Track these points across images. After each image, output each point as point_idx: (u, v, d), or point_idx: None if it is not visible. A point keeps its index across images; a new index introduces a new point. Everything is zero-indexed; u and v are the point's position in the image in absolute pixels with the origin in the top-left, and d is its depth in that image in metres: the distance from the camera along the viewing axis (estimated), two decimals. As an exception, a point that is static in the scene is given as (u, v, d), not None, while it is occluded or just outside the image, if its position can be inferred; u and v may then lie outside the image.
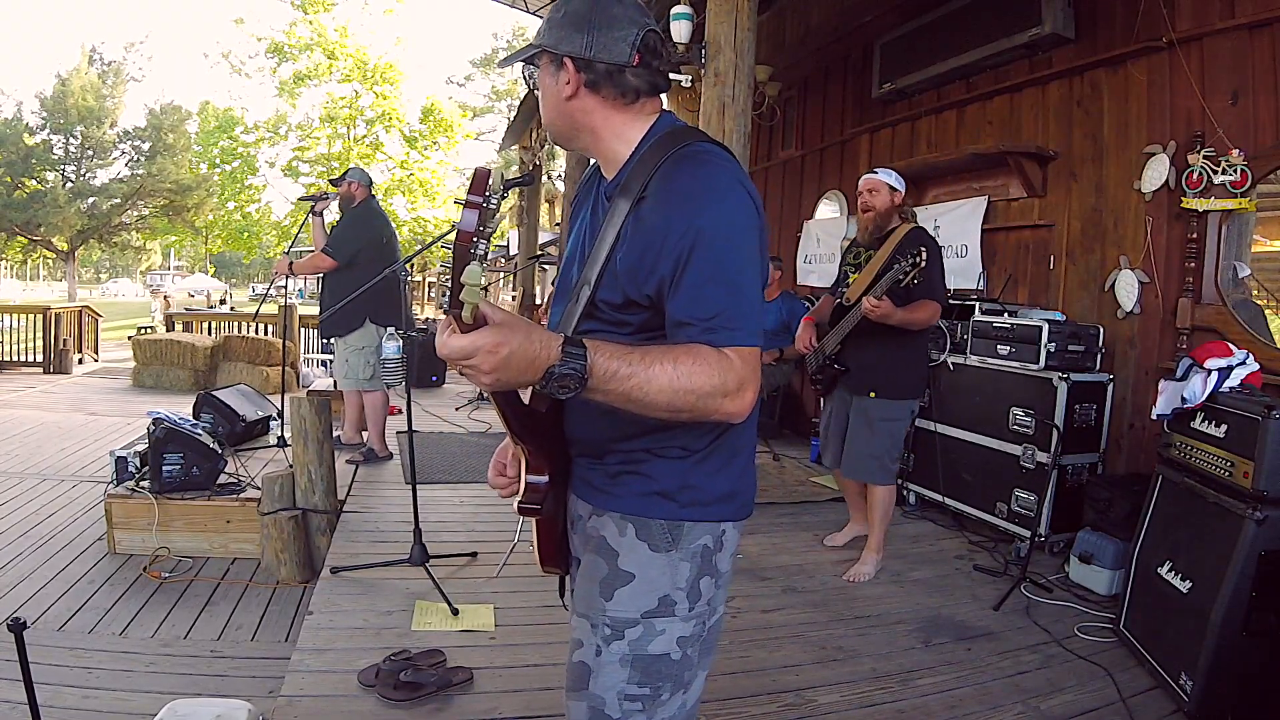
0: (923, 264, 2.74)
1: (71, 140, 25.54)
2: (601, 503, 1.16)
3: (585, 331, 1.12)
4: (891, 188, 3.04)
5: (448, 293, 0.86)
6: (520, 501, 1.12)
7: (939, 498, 3.82)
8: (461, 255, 0.84)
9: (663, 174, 1.07)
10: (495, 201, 0.86)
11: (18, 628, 1.54)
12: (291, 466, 3.31)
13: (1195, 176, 3.14)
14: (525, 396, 1.07)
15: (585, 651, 1.13)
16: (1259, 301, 3.29)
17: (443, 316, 0.89)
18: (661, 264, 1.03)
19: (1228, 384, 2.34)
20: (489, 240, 0.87)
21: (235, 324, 9.27)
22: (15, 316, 9.08)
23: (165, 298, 20.69)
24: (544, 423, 1.12)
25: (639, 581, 1.12)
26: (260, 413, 5.06)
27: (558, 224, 10.30)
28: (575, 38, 1.10)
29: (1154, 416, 2.58)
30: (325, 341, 5.45)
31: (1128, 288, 3.47)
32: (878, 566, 3.12)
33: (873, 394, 3.03)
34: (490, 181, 0.86)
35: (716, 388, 0.97)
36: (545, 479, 1.12)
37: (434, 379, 7.58)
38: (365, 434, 4.59)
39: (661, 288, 1.04)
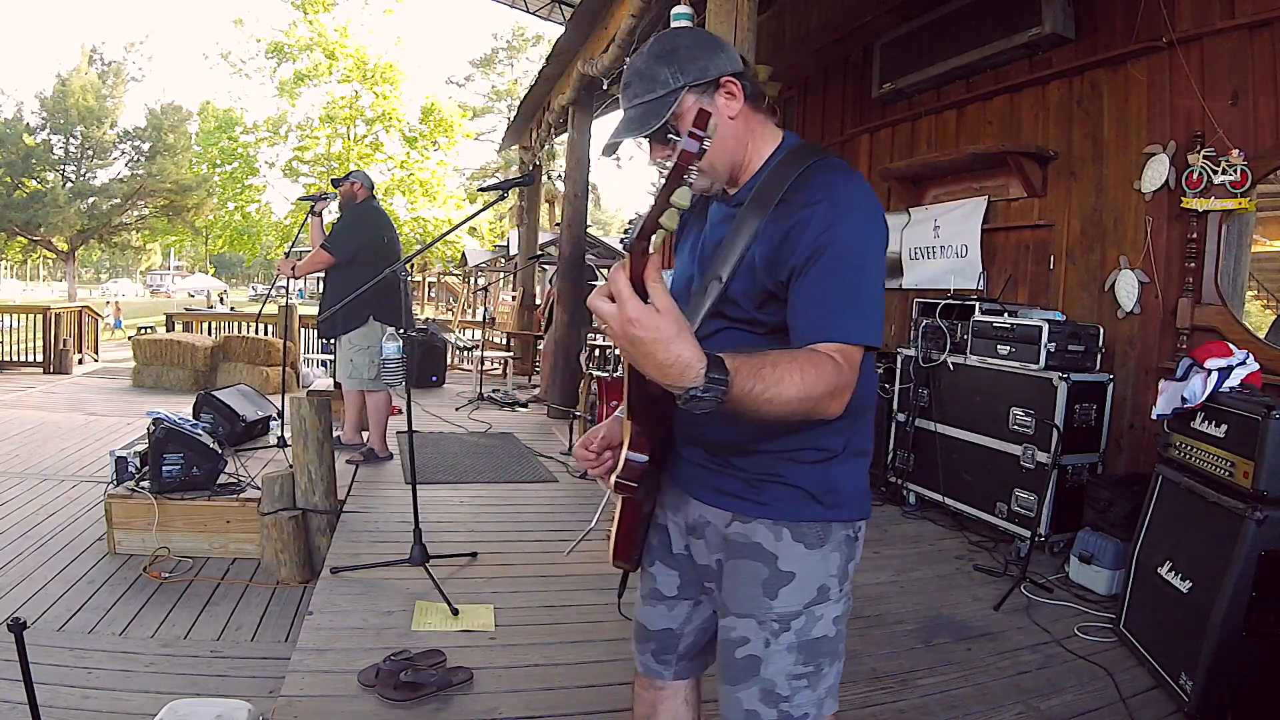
0: None
1: (71, 140, 25.56)
2: (747, 510, 1.20)
3: (712, 331, 1.17)
4: None
5: (631, 228, 0.85)
6: (617, 476, 1.13)
7: (939, 498, 3.82)
8: (676, 176, 0.82)
9: (804, 180, 1.12)
10: (708, 146, 0.85)
11: (18, 628, 1.54)
12: (291, 466, 3.31)
13: (1195, 176, 3.14)
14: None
15: (754, 646, 1.20)
16: (1259, 301, 3.29)
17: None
18: (796, 255, 1.08)
19: (1228, 384, 2.34)
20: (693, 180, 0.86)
21: (235, 324, 9.27)
22: (15, 316, 9.08)
23: (116, 304, 20.69)
24: (659, 406, 1.11)
25: (800, 578, 1.19)
26: (260, 413, 5.06)
27: (557, 224, 10.28)
28: (717, 58, 1.14)
29: (1154, 416, 2.58)
30: (325, 342, 5.45)
31: (1128, 288, 3.47)
32: None
33: None
34: (709, 126, 0.85)
35: (827, 393, 1.01)
36: (645, 458, 1.13)
37: (434, 379, 7.58)
38: (365, 435, 4.59)
39: (791, 275, 1.09)
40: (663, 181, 0.83)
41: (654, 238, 0.85)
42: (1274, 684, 2.02)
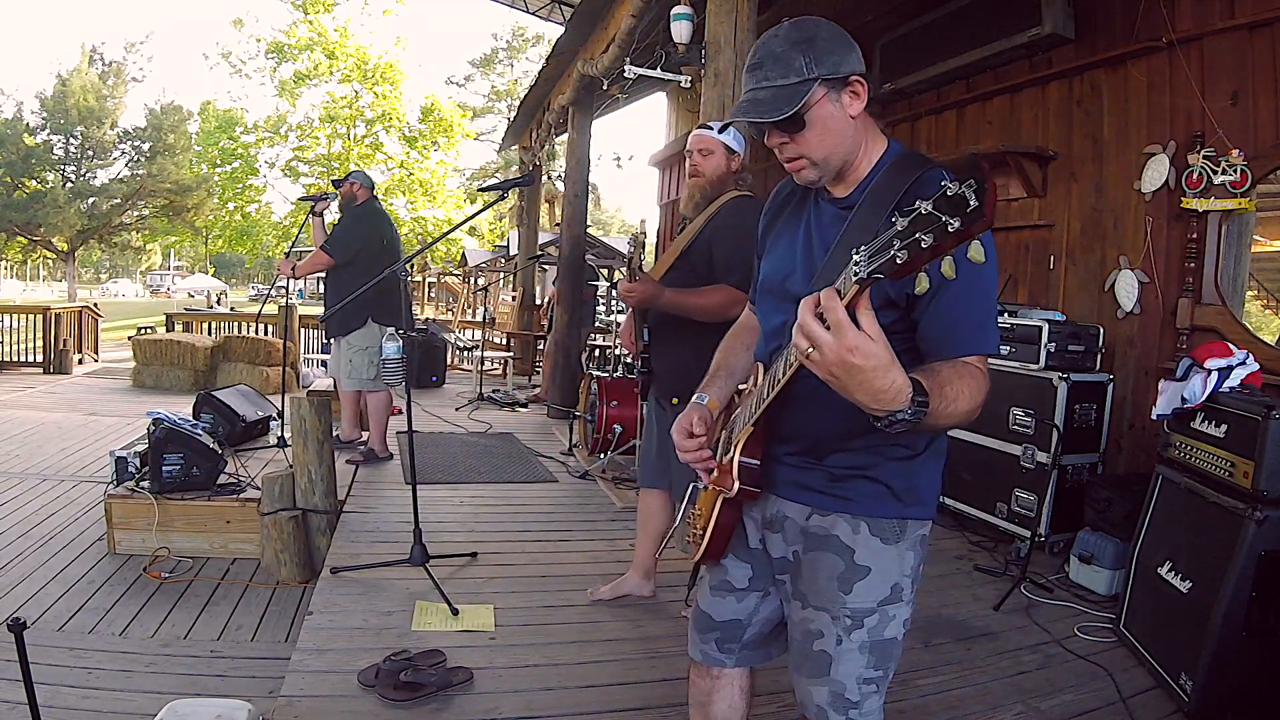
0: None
1: (71, 140, 25.56)
2: (828, 504, 1.23)
3: None
4: (729, 149, 2.41)
5: (865, 254, 0.82)
6: (741, 483, 1.19)
7: (939, 498, 3.81)
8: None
9: (923, 189, 1.09)
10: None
11: (18, 628, 1.54)
12: (291, 466, 3.31)
13: (1195, 176, 3.14)
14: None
15: (826, 641, 1.22)
16: (1259, 301, 3.29)
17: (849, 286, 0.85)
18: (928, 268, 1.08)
19: (1228, 384, 2.34)
20: None
21: (235, 324, 9.27)
22: (15, 316, 9.08)
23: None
24: (780, 410, 1.16)
25: (875, 574, 1.21)
26: (260, 413, 5.06)
27: (557, 224, 10.29)
28: (851, 57, 1.15)
29: (1154, 416, 2.58)
30: (327, 341, 5.45)
31: (1128, 288, 3.47)
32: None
33: (675, 401, 2.42)
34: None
35: (983, 401, 1.06)
36: (758, 462, 1.20)
37: (434, 379, 7.58)
38: (365, 434, 4.59)
39: (926, 290, 1.08)
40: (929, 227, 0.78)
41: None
42: (1274, 684, 2.02)
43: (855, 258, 0.83)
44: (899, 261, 0.79)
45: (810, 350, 0.88)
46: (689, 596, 1.38)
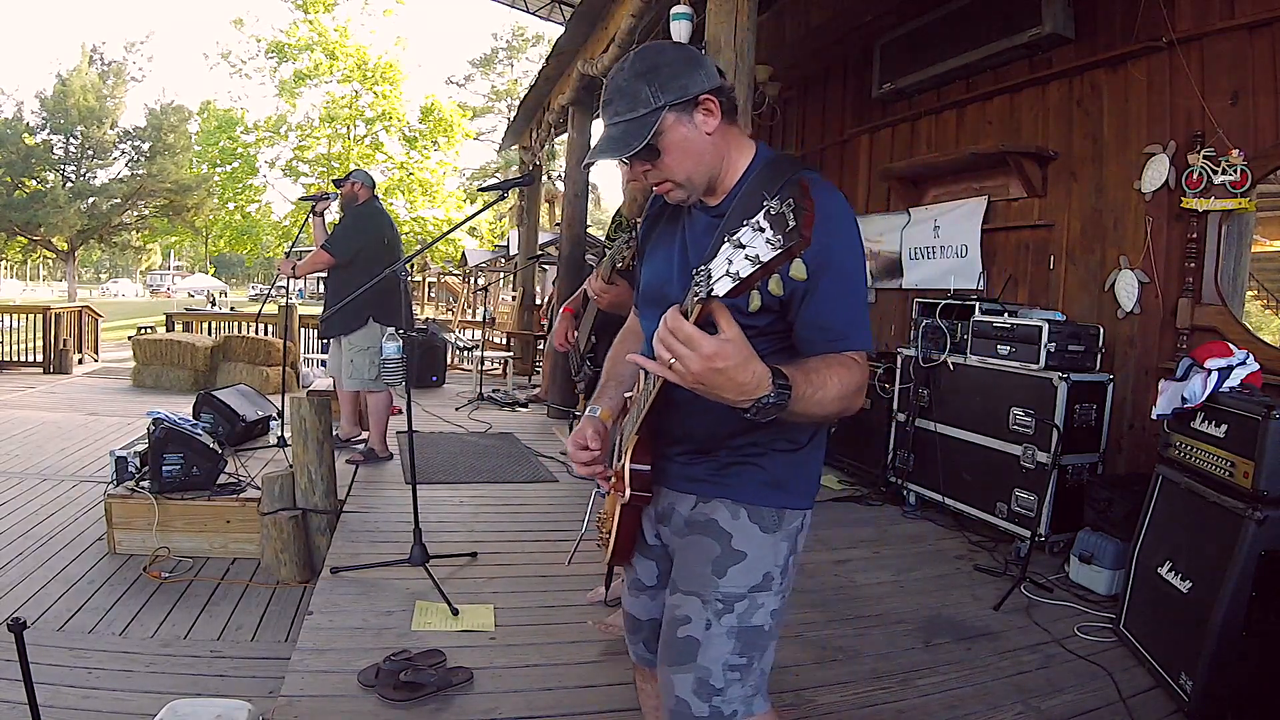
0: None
1: (71, 140, 25.55)
2: (710, 491, 1.27)
3: None
4: None
5: (705, 275, 0.87)
6: (632, 490, 1.23)
7: (939, 498, 3.82)
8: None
9: (785, 194, 1.12)
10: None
11: (18, 628, 1.54)
12: (291, 466, 3.31)
13: (1195, 176, 3.14)
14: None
15: (694, 626, 1.23)
16: (1259, 301, 3.29)
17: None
18: (792, 270, 1.10)
19: (1228, 384, 2.34)
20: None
21: (235, 324, 9.27)
22: (15, 316, 9.08)
23: None
24: (660, 418, 1.22)
25: (750, 560, 1.23)
26: (260, 413, 5.06)
27: (557, 224, 10.29)
28: (696, 76, 1.17)
29: (1154, 416, 2.58)
30: (325, 341, 5.46)
31: (1128, 288, 3.47)
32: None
33: None
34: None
35: (857, 389, 1.10)
36: (648, 467, 1.24)
37: (434, 379, 7.58)
38: (365, 433, 4.59)
39: (794, 293, 1.12)
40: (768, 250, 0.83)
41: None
42: (1274, 684, 2.02)
43: (696, 278, 0.88)
44: (732, 284, 0.85)
45: (672, 361, 0.93)
46: (607, 596, 1.39)
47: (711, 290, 0.86)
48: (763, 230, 0.83)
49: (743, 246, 0.84)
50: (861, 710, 2.11)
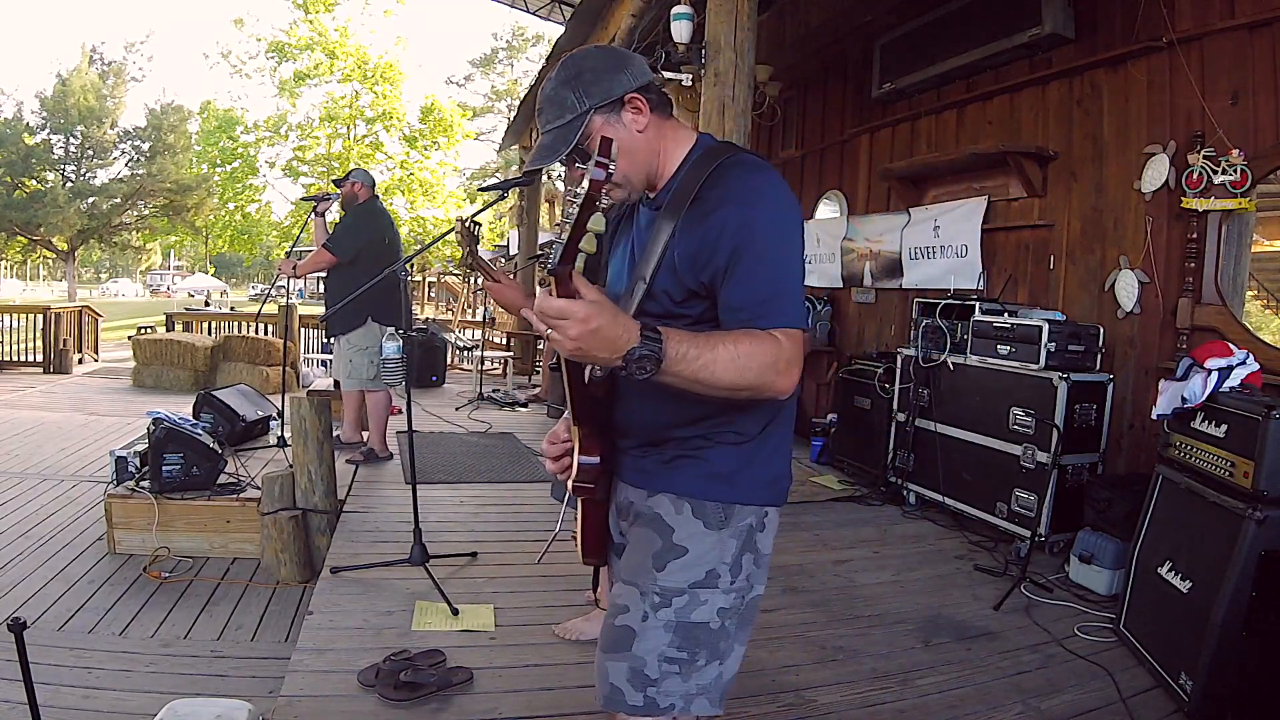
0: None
1: (71, 140, 25.52)
2: (657, 485, 1.25)
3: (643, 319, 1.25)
4: None
5: (555, 249, 0.92)
6: (574, 481, 1.24)
7: (939, 498, 3.82)
8: (589, 204, 0.90)
9: (715, 178, 1.17)
10: (613, 169, 0.93)
11: (18, 628, 1.54)
12: (291, 466, 3.31)
13: (1195, 176, 3.14)
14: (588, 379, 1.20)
15: (631, 616, 1.22)
16: (1259, 301, 3.29)
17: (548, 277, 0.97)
18: (718, 256, 1.13)
19: (1228, 384, 2.34)
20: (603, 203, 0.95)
21: (235, 324, 9.27)
22: (15, 316, 9.08)
23: None
24: (601, 408, 1.24)
25: (691, 555, 1.21)
26: (260, 413, 5.06)
27: (557, 224, 10.29)
28: (620, 78, 1.20)
29: (1154, 416, 2.58)
30: (326, 341, 5.46)
31: (1128, 288, 3.47)
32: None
33: None
34: (613, 151, 0.93)
35: (769, 365, 1.07)
36: (597, 460, 1.24)
37: (434, 379, 7.58)
38: (366, 434, 4.59)
39: (716, 277, 1.14)
40: (577, 210, 0.90)
41: (577, 260, 0.93)
42: (1274, 684, 2.02)
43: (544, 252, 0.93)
44: (560, 250, 0.91)
45: (550, 331, 0.96)
46: (595, 596, 1.40)
47: (549, 264, 0.92)
48: (575, 198, 0.89)
49: (568, 217, 0.90)
50: (861, 710, 2.11)
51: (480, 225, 2.48)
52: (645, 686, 1.20)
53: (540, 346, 8.28)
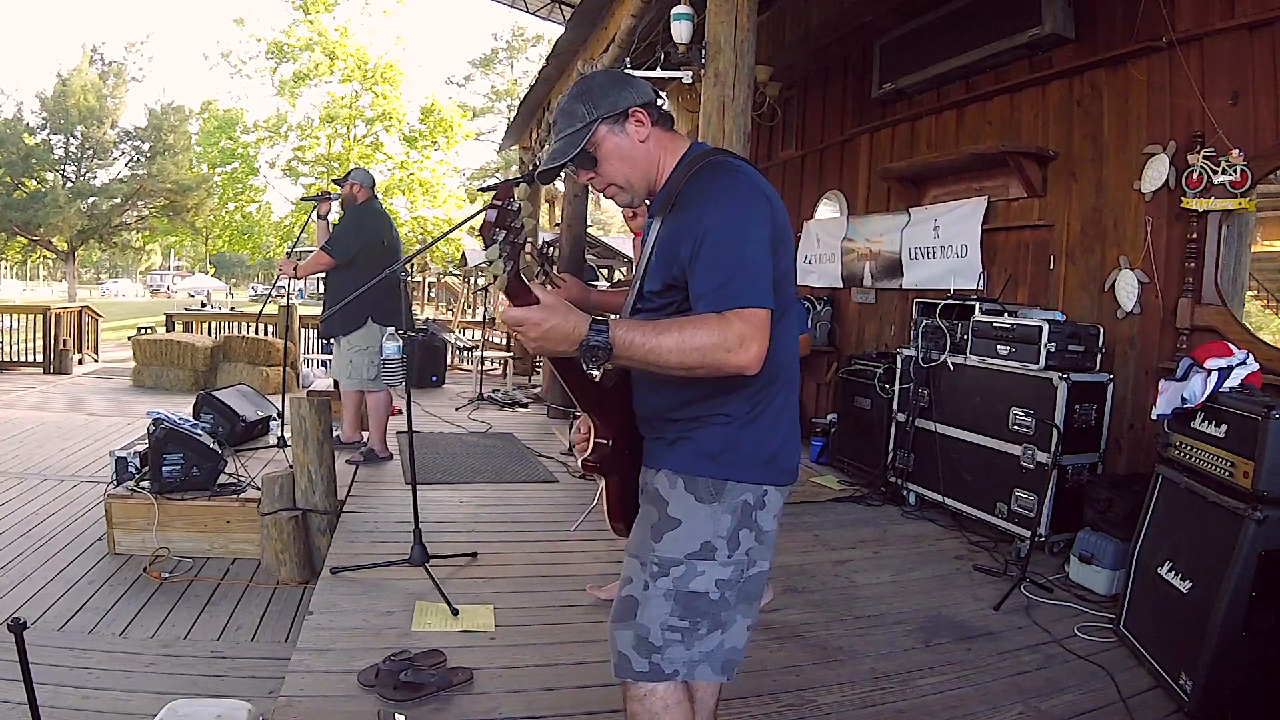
0: None
1: (71, 140, 25.51)
2: (658, 464, 1.37)
3: (635, 315, 1.38)
4: None
5: (505, 272, 1.08)
6: (583, 458, 1.37)
7: (939, 498, 3.82)
8: (486, 238, 1.06)
9: (690, 180, 1.30)
10: (514, 205, 1.09)
11: (18, 628, 1.54)
12: (291, 466, 3.31)
13: (1195, 176, 3.14)
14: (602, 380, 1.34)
15: (634, 586, 1.33)
16: (1259, 301, 3.29)
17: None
18: (683, 249, 1.25)
19: (1228, 384, 2.34)
20: (511, 233, 1.08)
21: (235, 324, 9.27)
22: (15, 316, 9.08)
23: None
24: (610, 399, 1.37)
25: (684, 527, 1.30)
26: (260, 413, 5.06)
27: (558, 224, 10.28)
28: (626, 92, 1.35)
29: (1154, 416, 2.58)
30: (325, 342, 5.46)
31: (1128, 288, 3.47)
32: None
33: None
34: (514, 193, 1.09)
35: (717, 344, 1.15)
36: (608, 442, 1.36)
37: (434, 379, 7.58)
38: (365, 434, 4.59)
39: (684, 269, 1.25)
40: (497, 244, 1.06)
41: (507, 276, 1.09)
42: (1274, 684, 2.02)
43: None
44: (487, 263, 1.07)
45: (521, 336, 1.13)
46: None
47: (501, 282, 1.08)
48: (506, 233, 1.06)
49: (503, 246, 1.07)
50: (861, 710, 2.11)
51: (554, 250, 2.55)
52: (650, 653, 1.30)
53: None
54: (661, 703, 1.32)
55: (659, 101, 1.38)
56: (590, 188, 1.38)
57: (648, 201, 1.44)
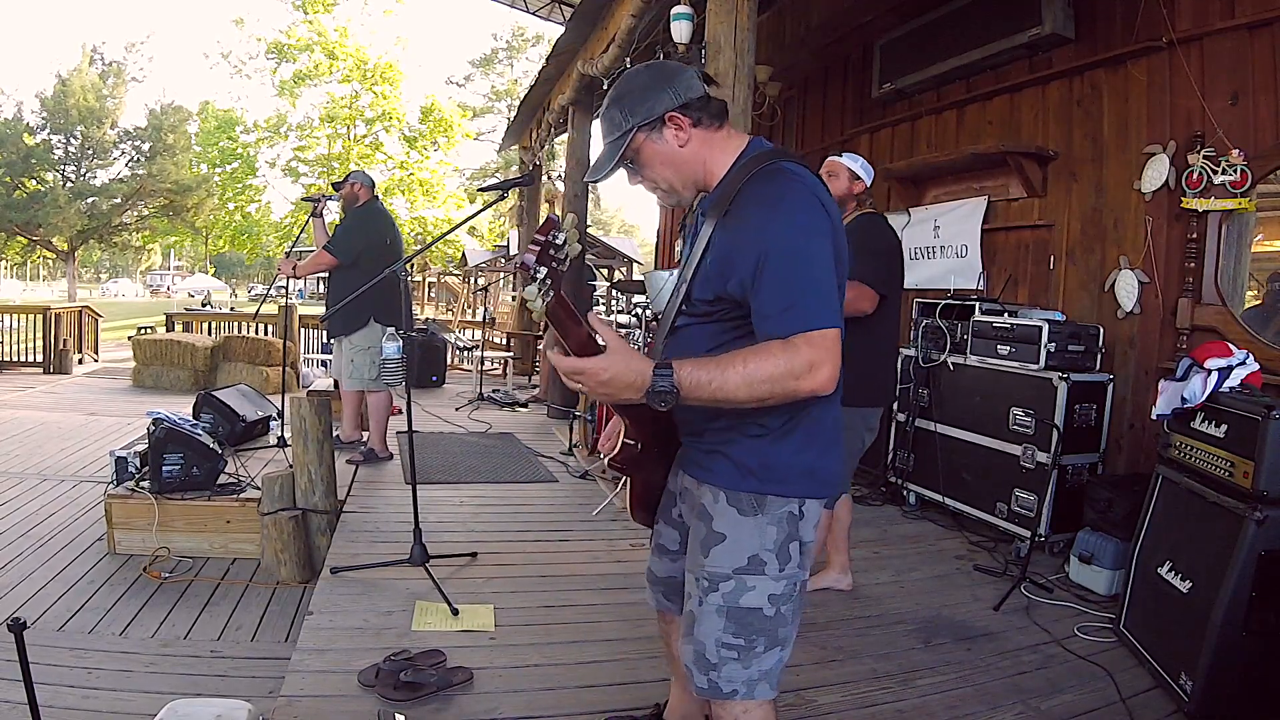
0: None
1: (71, 140, 25.53)
2: (701, 476, 1.36)
3: (680, 325, 1.36)
4: (854, 174, 2.69)
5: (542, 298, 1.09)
6: (611, 457, 1.39)
7: (939, 498, 3.82)
8: (525, 277, 1.08)
9: (746, 191, 1.25)
10: (559, 237, 1.09)
11: (18, 628, 1.54)
12: (291, 466, 3.31)
13: (1195, 176, 3.14)
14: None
15: (692, 602, 1.34)
16: (1257, 302, 3.29)
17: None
18: (742, 265, 1.21)
19: (1228, 384, 2.33)
20: (555, 265, 1.09)
21: (235, 324, 9.27)
22: (15, 316, 9.08)
23: None
24: (637, 409, 1.30)
25: (730, 542, 1.29)
26: (260, 413, 5.06)
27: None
28: (662, 96, 1.29)
29: (1154, 416, 2.57)
30: (327, 341, 5.46)
31: (1128, 288, 3.47)
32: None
33: None
34: (565, 222, 1.10)
35: (786, 372, 1.13)
36: (637, 445, 1.38)
37: (434, 379, 7.58)
38: (365, 434, 4.59)
39: (744, 285, 1.22)
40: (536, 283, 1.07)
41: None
42: (1274, 684, 2.02)
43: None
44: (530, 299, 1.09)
45: (579, 386, 1.12)
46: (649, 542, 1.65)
47: (533, 310, 1.10)
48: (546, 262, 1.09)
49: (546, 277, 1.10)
50: (861, 710, 2.11)
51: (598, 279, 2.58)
52: (707, 670, 1.29)
53: (540, 347, 8.28)
54: None
55: (705, 94, 1.31)
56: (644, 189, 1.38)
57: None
